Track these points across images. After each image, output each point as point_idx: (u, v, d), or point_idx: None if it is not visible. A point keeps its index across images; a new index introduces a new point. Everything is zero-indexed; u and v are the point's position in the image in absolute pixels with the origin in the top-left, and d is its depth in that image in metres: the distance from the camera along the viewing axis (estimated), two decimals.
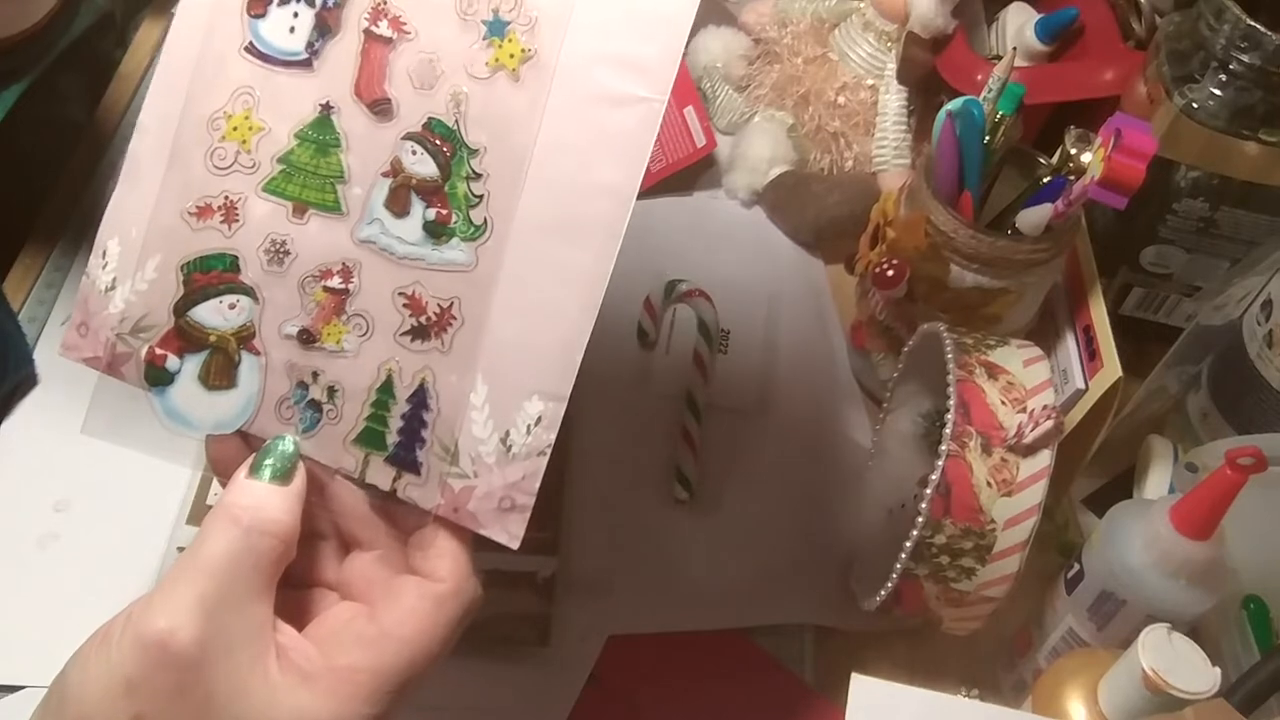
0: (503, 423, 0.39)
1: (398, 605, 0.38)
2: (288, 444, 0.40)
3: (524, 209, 0.39)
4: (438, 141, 0.40)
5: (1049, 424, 0.52)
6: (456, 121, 0.40)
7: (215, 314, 0.41)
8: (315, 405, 0.41)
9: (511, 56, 0.40)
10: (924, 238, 0.61)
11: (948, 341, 0.56)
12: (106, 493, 0.59)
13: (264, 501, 0.38)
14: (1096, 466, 0.63)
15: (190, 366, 0.41)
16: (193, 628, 0.35)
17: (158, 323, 0.42)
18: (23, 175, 0.71)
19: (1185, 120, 0.61)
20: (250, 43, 0.41)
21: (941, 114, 0.60)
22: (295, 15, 0.41)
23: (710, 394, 0.69)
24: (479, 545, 0.40)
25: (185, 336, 0.41)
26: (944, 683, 0.58)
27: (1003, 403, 0.54)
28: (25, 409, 0.63)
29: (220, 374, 0.41)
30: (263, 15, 0.42)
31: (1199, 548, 0.50)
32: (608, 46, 0.39)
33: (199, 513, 0.60)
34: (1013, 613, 0.56)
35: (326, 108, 0.41)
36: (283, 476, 0.39)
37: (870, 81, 0.77)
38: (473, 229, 0.40)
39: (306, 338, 0.41)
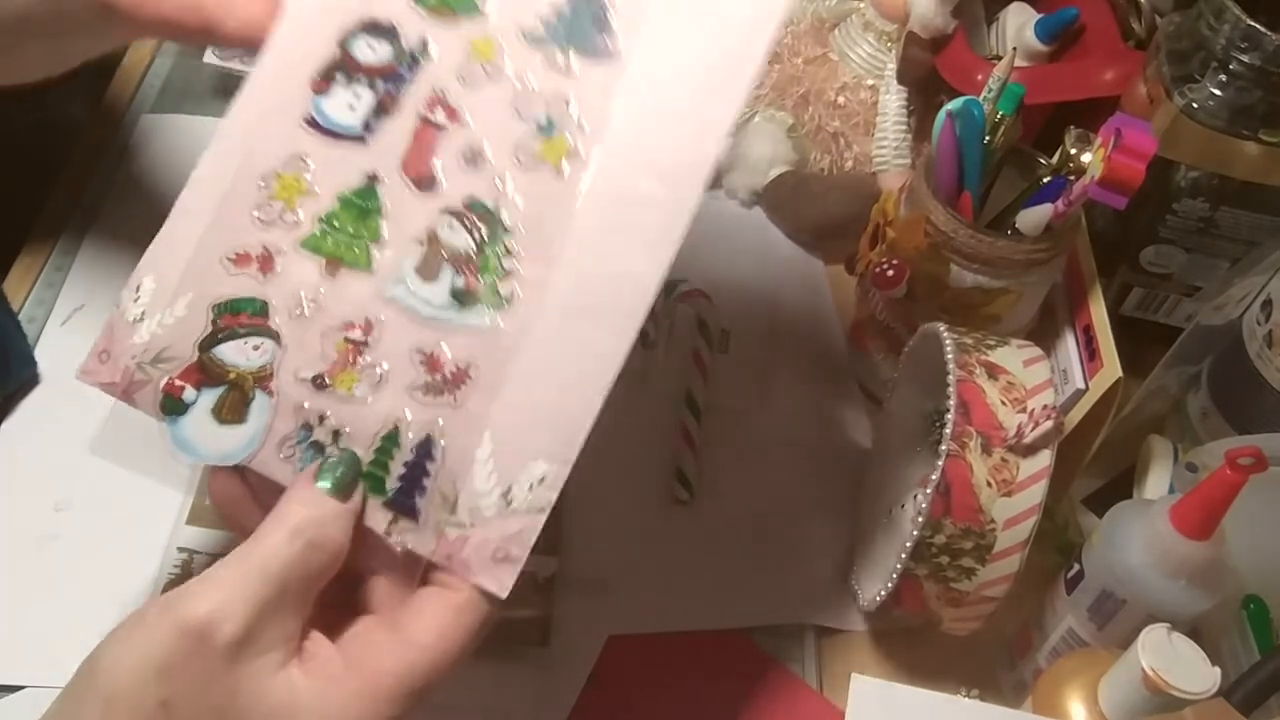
0: (506, 479, 0.41)
1: (418, 614, 0.39)
2: (355, 459, 0.41)
3: (551, 288, 0.42)
4: (475, 218, 0.43)
5: (1049, 424, 0.52)
6: (496, 202, 0.43)
7: (239, 353, 0.43)
8: (317, 446, 0.42)
9: (556, 153, 0.43)
10: (924, 238, 0.61)
11: (948, 341, 0.56)
12: (106, 493, 0.59)
13: (327, 517, 0.39)
14: (1096, 466, 0.63)
15: (206, 399, 0.43)
16: (235, 623, 0.36)
17: (180, 355, 0.43)
18: (23, 175, 0.71)
19: (1185, 120, 0.61)
20: (311, 116, 0.45)
21: (941, 114, 0.60)
22: (357, 96, 0.45)
23: (710, 394, 0.69)
24: None
25: (205, 371, 0.43)
26: (944, 683, 0.58)
27: (1003, 403, 0.54)
28: (26, 409, 0.62)
29: (233, 409, 0.43)
30: (326, 93, 0.45)
31: (1199, 548, 0.50)
32: (645, 154, 0.42)
33: (199, 513, 0.60)
34: (1013, 613, 0.56)
35: (373, 178, 0.44)
36: (344, 489, 0.40)
37: (870, 81, 0.77)
38: (499, 299, 0.42)
39: (320, 382, 0.43)
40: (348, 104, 0.44)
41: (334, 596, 0.41)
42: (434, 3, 0.45)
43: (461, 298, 0.42)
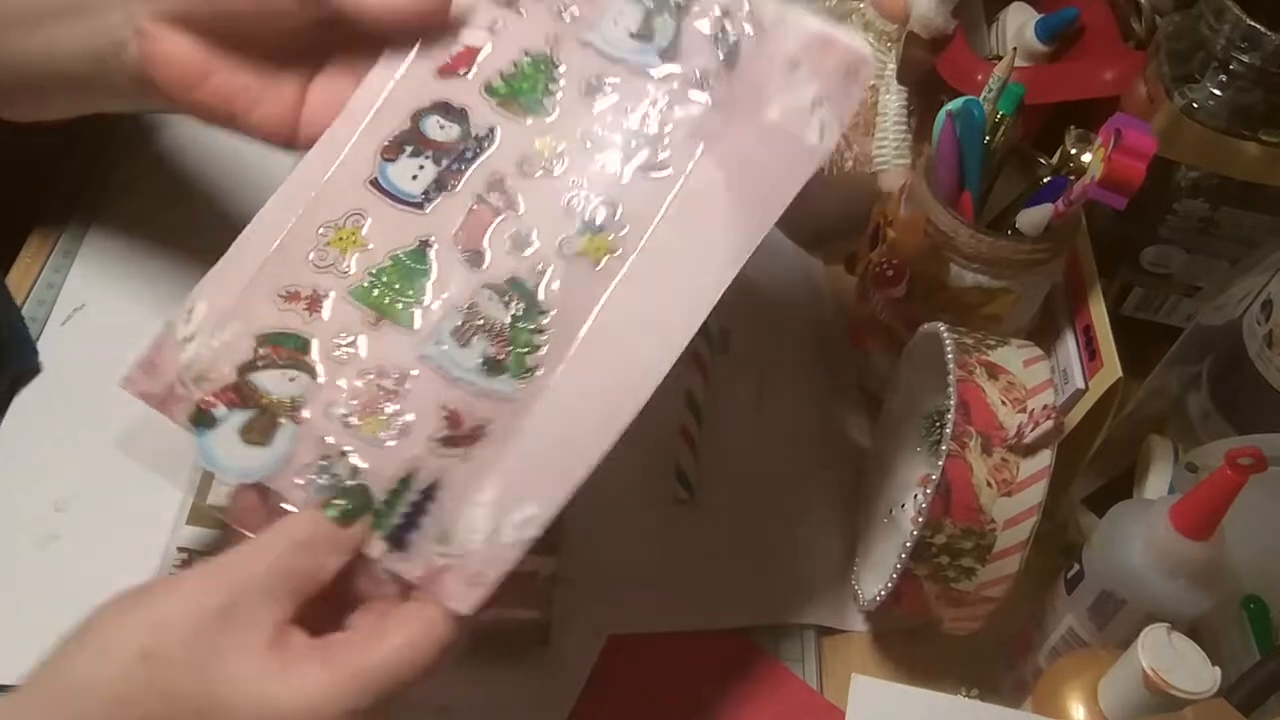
0: (497, 518, 0.43)
1: (393, 620, 0.42)
2: (364, 494, 0.44)
3: (570, 365, 0.45)
4: (514, 296, 0.46)
5: (1049, 424, 0.52)
6: (535, 285, 0.46)
7: (274, 382, 0.46)
8: (334, 478, 0.44)
9: (598, 249, 0.46)
10: (924, 238, 0.61)
11: (948, 341, 0.56)
12: (106, 493, 0.59)
13: (321, 533, 0.43)
14: (1096, 466, 0.63)
15: (236, 419, 0.45)
16: (224, 592, 0.40)
17: (219, 376, 0.46)
18: (23, 175, 0.71)
19: (1185, 120, 0.61)
20: (375, 178, 0.48)
21: (941, 114, 0.60)
22: (421, 167, 0.48)
23: (710, 394, 0.69)
24: None
25: (240, 393, 0.46)
26: (944, 683, 0.58)
27: (1003, 403, 0.54)
28: (26, 410, 0.62)
29: (260, 432, 0.45)
30: (393, 160, 0.48)
31: (1199, 548, 0.50)
32: (680, 262, 0.46)
33: (199, 513, 0.60)
34: (1013, 613, 0.56)
35: (426, 243, 0.47)
36: (345, 521, 0.43)
37: (870, 81, 0.77)
38: (523, 371, 0.45)
39: (347, 422, 0.45)
40: (411, 174, 0.48)
41: (323, 623, 0.43)
42: (504, 94, 0.49)
43: (490, 365, 0.45)
